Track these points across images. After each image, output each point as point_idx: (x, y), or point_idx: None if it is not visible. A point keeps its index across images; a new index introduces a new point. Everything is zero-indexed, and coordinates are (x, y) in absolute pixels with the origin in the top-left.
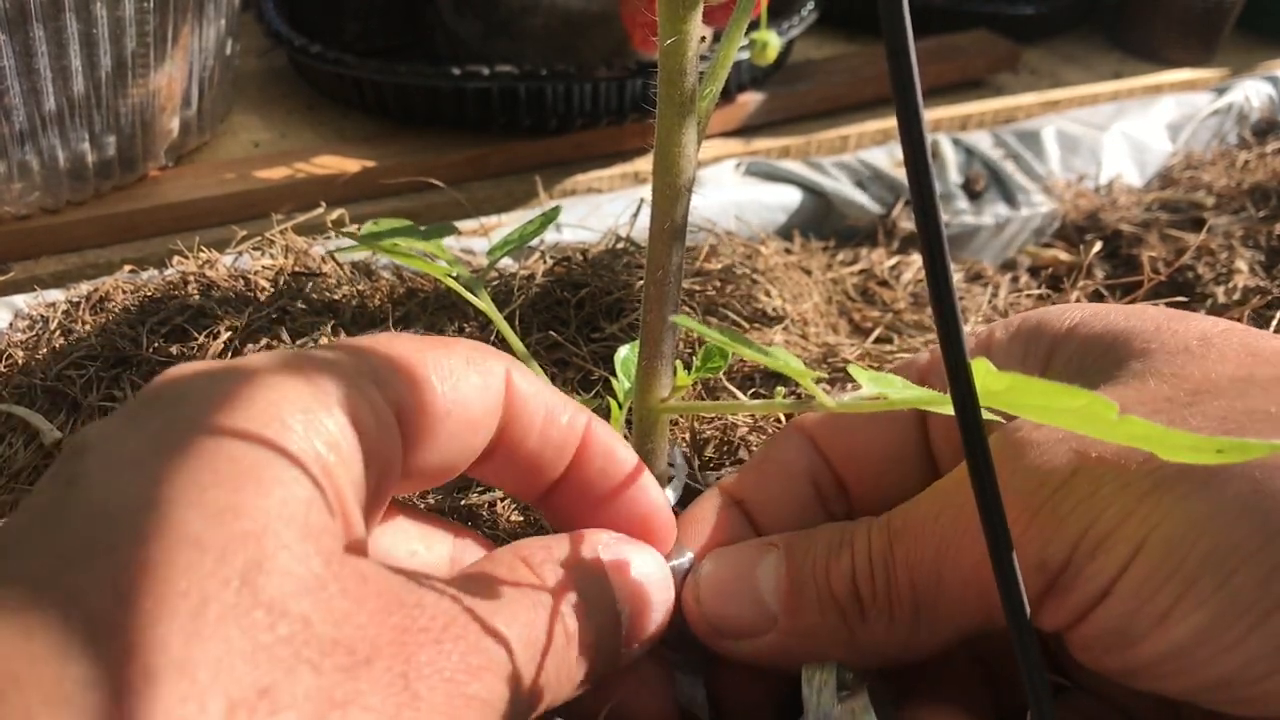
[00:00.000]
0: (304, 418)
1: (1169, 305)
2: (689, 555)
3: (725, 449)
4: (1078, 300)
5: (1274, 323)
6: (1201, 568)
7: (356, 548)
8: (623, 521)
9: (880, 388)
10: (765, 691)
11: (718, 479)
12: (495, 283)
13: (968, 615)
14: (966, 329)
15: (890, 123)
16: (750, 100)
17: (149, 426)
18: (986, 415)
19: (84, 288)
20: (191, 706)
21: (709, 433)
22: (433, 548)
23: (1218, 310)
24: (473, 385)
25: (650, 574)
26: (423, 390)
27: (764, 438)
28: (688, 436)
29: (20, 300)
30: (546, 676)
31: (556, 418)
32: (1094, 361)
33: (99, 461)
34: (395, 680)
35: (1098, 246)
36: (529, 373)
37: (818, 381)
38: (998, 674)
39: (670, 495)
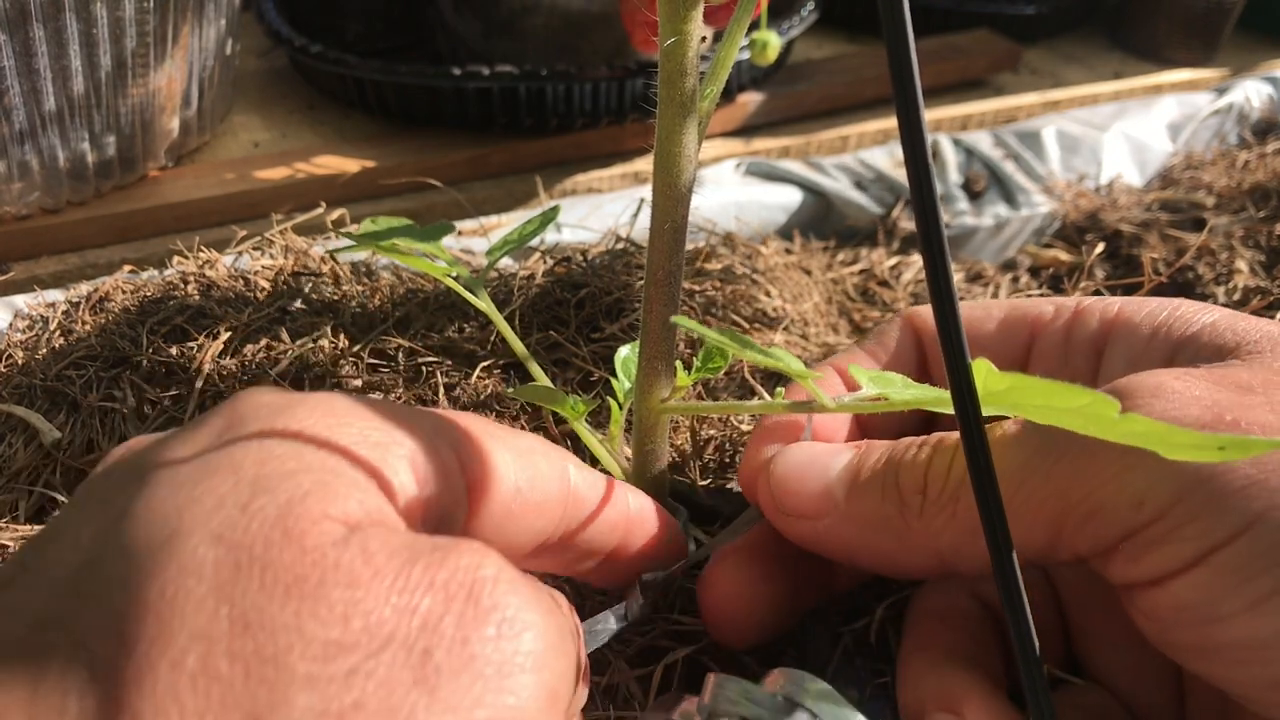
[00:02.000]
0: (372, 464)
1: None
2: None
3: (726, 450)
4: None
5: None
6: None
7: None
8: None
9: (880, 388)
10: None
11: (713, 486)
12: (495, 283)
13: (1027, 542)
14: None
15: (890, 123)
16: (750, 100)
17: (201, 456)
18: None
19: (84, 288)
20: None
21: (709, 433)
22: None
23: None
24: (540, 470)
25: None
26: (494, 461)
27: None
28: (688, 437)
29: (20, 300)
30: (580, 637)
31: (608, 505)
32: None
33: (147, 496)
34: (416, 660)
35: (1100, 247)
36: (581, 464)
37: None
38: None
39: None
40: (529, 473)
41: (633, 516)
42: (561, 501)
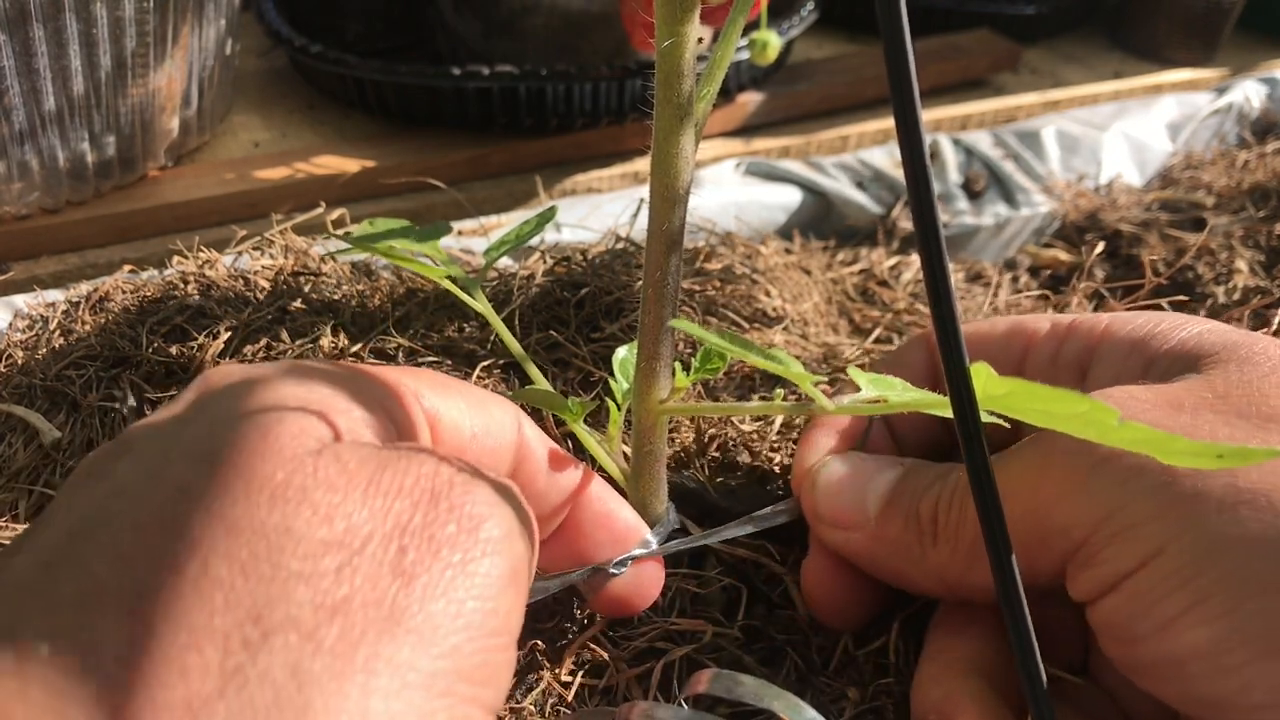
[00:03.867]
0: (345, 402)
1: (1171, 305)
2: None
3: (729, 449)
4: (1079, 302)
5: (1275, 323)
6: (1215, 587)
7: None
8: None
9: (879, 390)
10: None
11: (726, 484)
12: (495, 283)
13: (1053, 560)
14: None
15: (890, 122)
16: (750, 100)
17: (180, 418)
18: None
19: (84, 288)
20: (191, 655)
21: (712, 431)
22: None
23: (1218, 310)
24: (494, 417)
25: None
26: (452, 408)
27: (766, 438)
28: (693, 436)
29: (20, 300)
30: (533, 526)
31: (557, 463)
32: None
33: (133, 454)
34: (393, 558)
35: (1100, 246)
36: (532, 422)
37: (817, 384)
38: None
39: (652, 540)
40: (483, 419)
41: (587, 488)
42: (513, 449)
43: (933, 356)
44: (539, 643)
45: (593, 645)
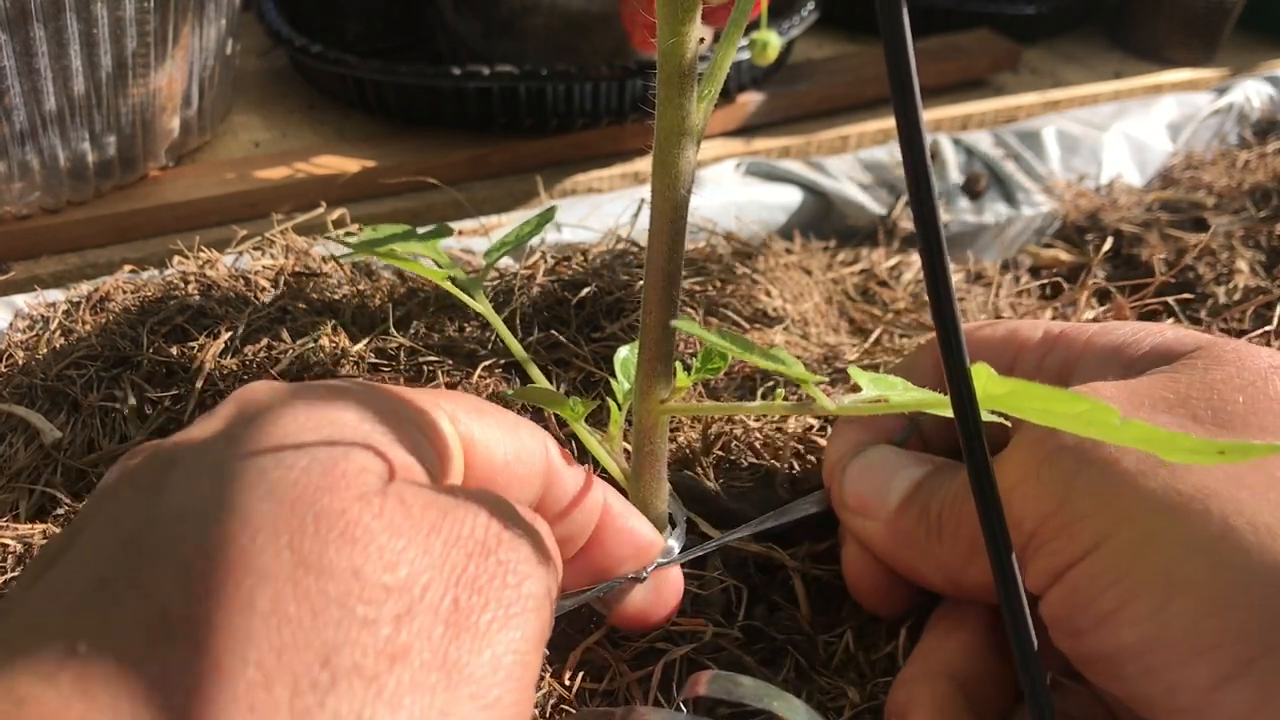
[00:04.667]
0: (378, 421)
1: (1175, 304)
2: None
3: (733, 450)
4: (1086, 299)
5: (1274, 323)
6: (1144, 587)
7: None
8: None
9: (880, 390)
10: None
11: (735, 487)
12: (495, 283)
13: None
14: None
15: (890, 122)
16: (750, 100)
17: (230, 434)
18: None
19: (84, 288)
20: (259, 693)
21: (716, 430)
22: None
23: (1218, 310)
24: (525, 444)
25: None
26: (487, 434)
27: (770, 437)
28: (697, 434)
29: (20, 300)
30: (559, 570)
31: (585, 488)
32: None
33: (184, 472)
34: (448, 607)
35: (1108, 244)
36: (560, 446)
37: (819, 384)
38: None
39: (674, 544)
40: (515, 445)
41: (611, 509)
42: (543, 475)
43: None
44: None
45: (594, 644)
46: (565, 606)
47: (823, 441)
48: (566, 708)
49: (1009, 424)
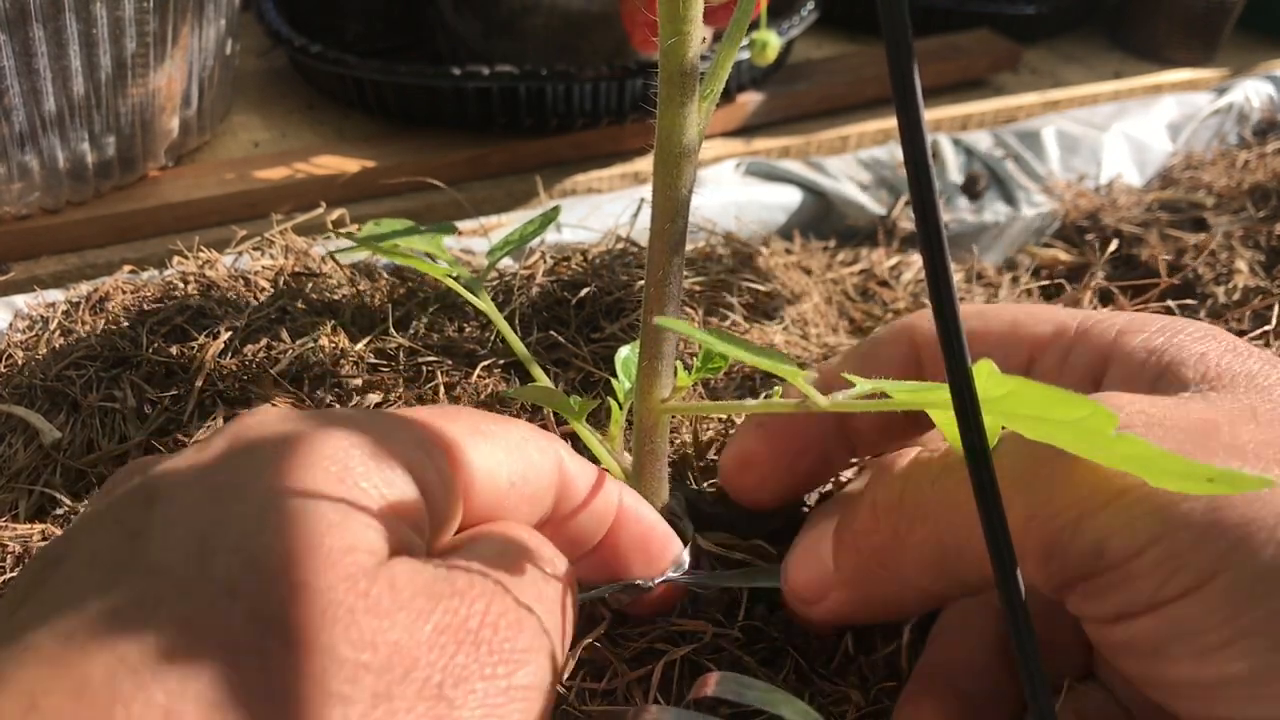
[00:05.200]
0: (370, 476)
1: (1176, 306)
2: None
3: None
4: (1089, 299)
5: (1274, 322)
6: (1264, 624)
7: None
8: (645, 572)
9: (874, 387)
10: None
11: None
12: (495, 283)
13: (983, 569)
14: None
15: (890, 123)
16: (750, 100)
17: (215, 479)
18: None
19: (84, 288)
20: None
21: (711, 434)
22: None
23: (1218, 311)
24: (532, 461)
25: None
26: (487, 462)
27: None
28: (690, 438)
29: (20, 300)
30: (567, 638)
31: (598, 492)
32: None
33: (164, 516)
34: (431, 692)
35: (1114, 246)
36: (574, 453)
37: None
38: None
39: (685, 558)
40: (521, 465)
41: (625, 509)
42: (554, 488)
43: (915, 351)
44: None
45: (594, 643)
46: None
47: None
48: (567, 708)
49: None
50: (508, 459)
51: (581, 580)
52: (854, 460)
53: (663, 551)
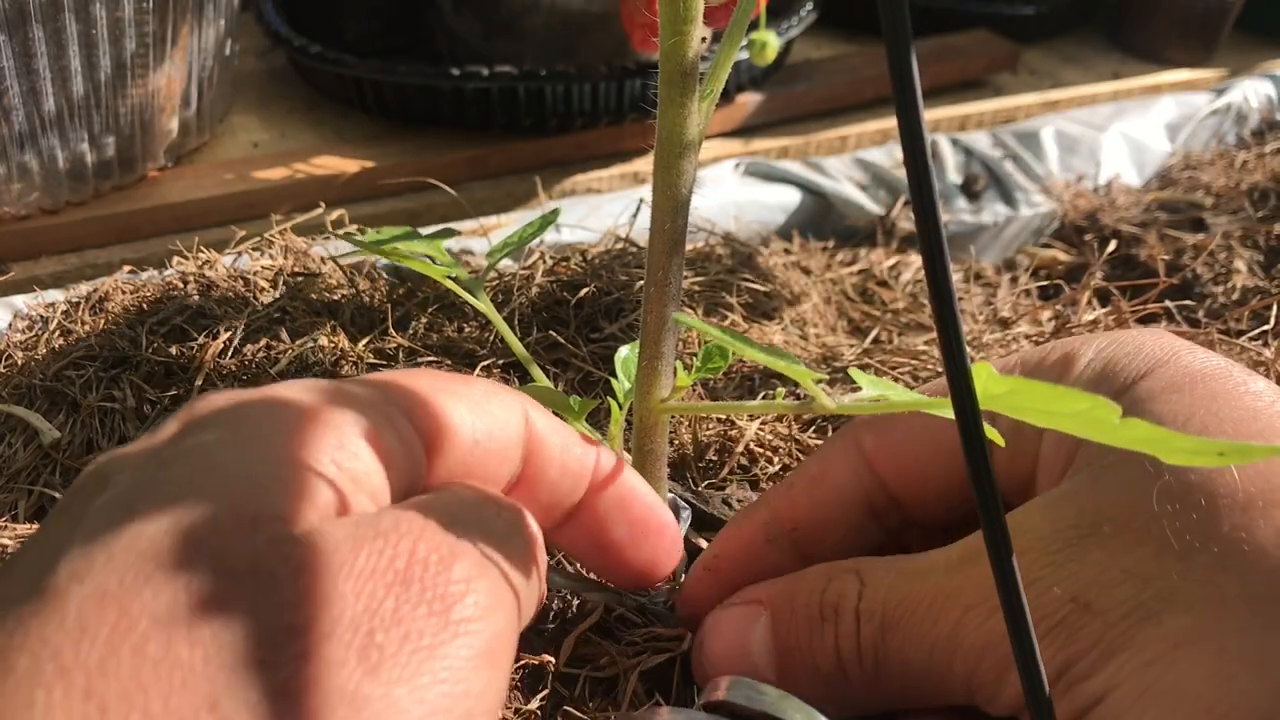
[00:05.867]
0: (319, 440)
1: (1174, 307)
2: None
3: (725, 451)
4: (1087, 302)
5: (1272, 322)
6: None
7: None
8: (632, 542)
9: (880, 390)
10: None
11: (723, 499)
12: (495, 283)
13: (961, 691)
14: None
15: (890, 123)
16: (749, 100)
17: (160, 455)
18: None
19: (83, 288)
20: None
21: (711, 433)
22: None
23: (1217, 311)
24: (496, 417)
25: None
26: (450, 419)
27: (767, 438)
28: (689, 439)
29: (20, 300)
30: (527, 598)
31: (572, 449)
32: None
33: (105, 500)
34: (361, 641)
35: (1112, 246)
36: (543, 408)
37: (818, 383)
38: None
39: (686, 514)
40: (485, 422)
41: (601, 468)
42: (521, 444)
43: (870, 468)
44: (538, 646)
45: (598, 640)
46: (593, 600)
47: (818, 443)
48: (568, 708)
49: (1001, 443)
50: (471, 415)
51: (565, 549)
52: None
53: (647, 517)
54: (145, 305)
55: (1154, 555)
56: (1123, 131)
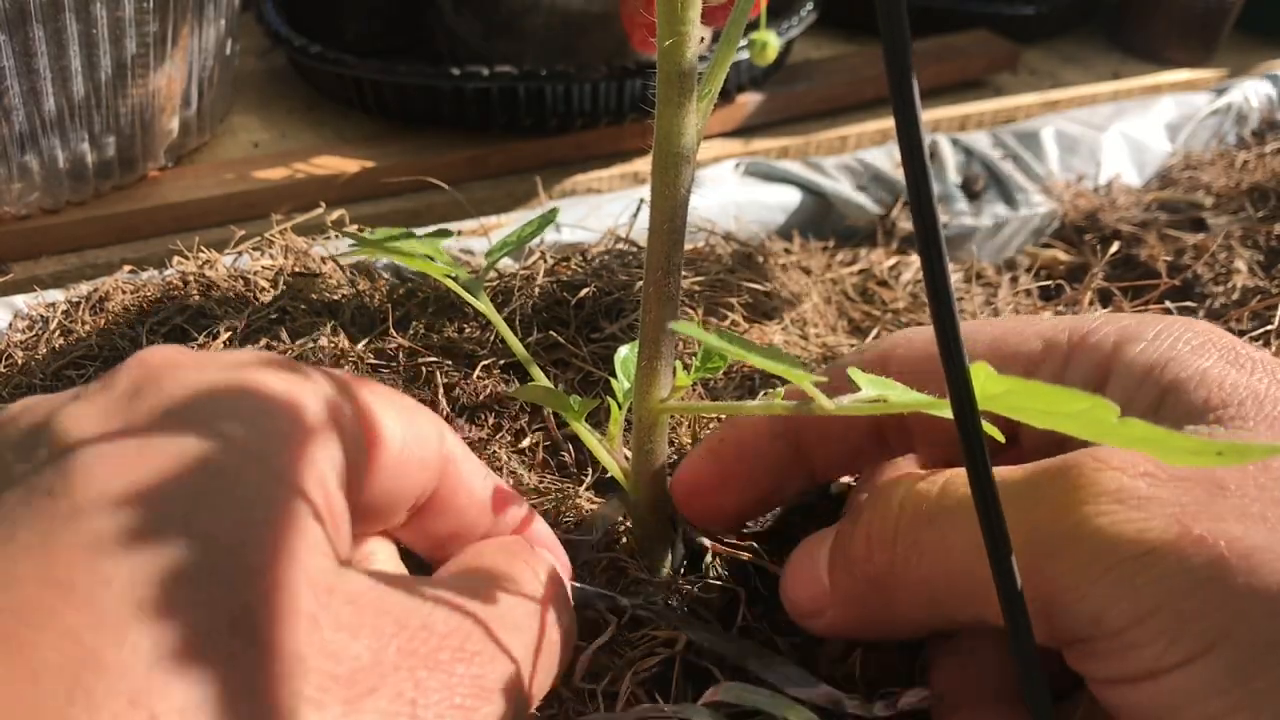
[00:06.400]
0: (310, 448)
1: (1175, 307)
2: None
3: None
4: (1087, 302)
5: (1274, 323)
6: (1266, 694)
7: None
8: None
9: (880, 390)
10: None
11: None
12: (495, 283)
13: (980, 615)
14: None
15: (889, 123)
16: (749, 100)
17: (141, 444)
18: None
19: (84, 288)
20: None
21: (707, 434)
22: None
23: (1217, 311)
24: (421, 429)
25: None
26: (383, 424)
27: None
28: (689, 439)
29: (20, 300)
30: (539, 682)
31: (486, 478)
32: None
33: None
34: (403, 709)
35: (1115, 247)
36: (454, 433)
37: (816, 383)
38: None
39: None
40: (413, 429)
41: (510, 514)
42: (438, 460)
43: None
44: None
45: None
46: (593, 603)
47: None
48: (569, 710)
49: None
50: (399, 419)
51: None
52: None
53: (549, 580)
54: (145, 305)
55: None
56: (1123, 131)
